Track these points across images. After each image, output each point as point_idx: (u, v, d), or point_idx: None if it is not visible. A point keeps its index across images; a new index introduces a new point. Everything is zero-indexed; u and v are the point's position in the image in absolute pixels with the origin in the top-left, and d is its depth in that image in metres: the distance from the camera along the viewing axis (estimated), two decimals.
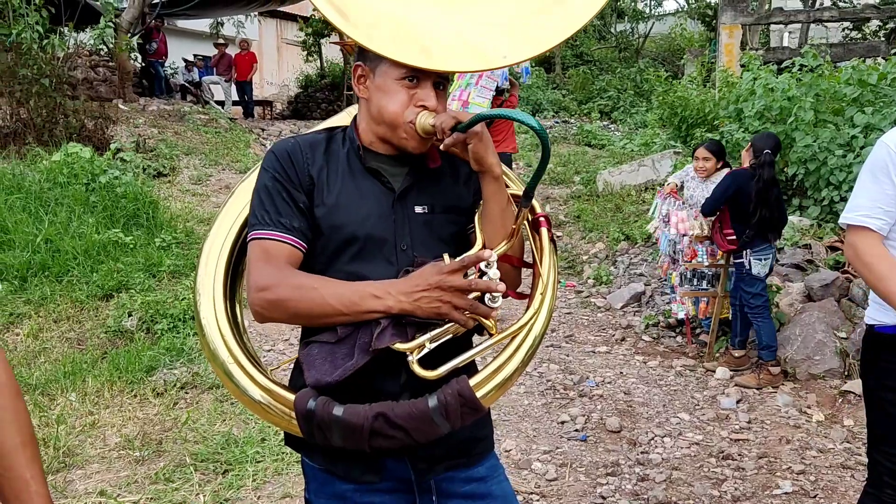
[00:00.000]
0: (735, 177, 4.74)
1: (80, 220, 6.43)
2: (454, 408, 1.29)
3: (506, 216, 1.45)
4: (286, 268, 1.38)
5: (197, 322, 1.53)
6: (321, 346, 1.35)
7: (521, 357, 1.38)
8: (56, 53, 9.33)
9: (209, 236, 1.62)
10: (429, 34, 1.41)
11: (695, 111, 9.48)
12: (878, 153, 2.05)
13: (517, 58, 1.46)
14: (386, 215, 1.45)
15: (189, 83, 16.45)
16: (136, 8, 12.11)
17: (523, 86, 17.30)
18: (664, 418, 4.26)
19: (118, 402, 4.17)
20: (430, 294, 1.29)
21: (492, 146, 1.41)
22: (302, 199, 1.43)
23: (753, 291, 4.72)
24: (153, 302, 5.32)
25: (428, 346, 1.31)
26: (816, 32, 17.42)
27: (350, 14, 1.39)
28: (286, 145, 1.48)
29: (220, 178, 9.47)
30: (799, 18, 11.88)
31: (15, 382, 1.20)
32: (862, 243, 2.04)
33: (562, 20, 1.45)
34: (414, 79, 1.41)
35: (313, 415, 1.29)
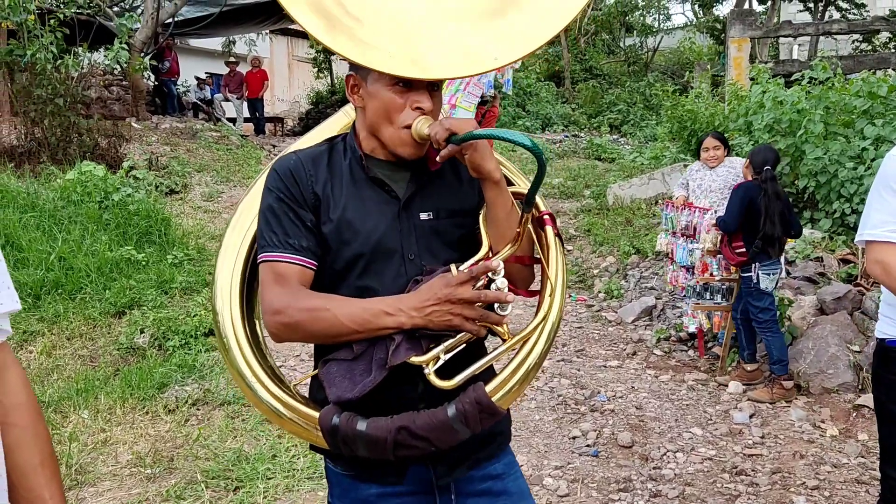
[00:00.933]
0: (746, 189, 4.72)
1: (93, 238, 6.50)
2: (473, 415, 1.33)
3: (510, 219, 1.46)
4: (298, 289, 1.39)
5: (220, 343, 1.55)
6: (339, 363, 1.37)
7: (534, 359, 1.41)
8: (70, 73, 9.46)
9: (220, 255, 1.63)
10: (418, 43, 1.41)
11: (704, 124, 9.48)
12: (888, 167, 2.05)
13: (508, 58, 1.45)
14: (392, 226, 1.46)
15: (201, 101, 16.61)
16: (150, 28, 12.26)
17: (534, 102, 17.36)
18: (676, 433, 4.23)
19: (130, 419, 4.19)
20: (440, 307, 1.31)
21: (489, 152, 1.41)
22: (309, 217, 1.44)
23: (761, 306, 4.69)
24: (165, 318, 5.35)
25: (443, 356, 1.34)
26: (826, 45, 17.40)
27: (335, 29, 1.38)
28: (288, 163, 1.48)
29: (231, 194, 9.54)
30: (808, 31, 11.87)
31: (36, 403, 1.22)
32: (891, 258, 2.00)
33: (548, 18, 1.44)
34: (406, 84, 1.42)
35: (338, 430, 1.33)
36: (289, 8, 1.39)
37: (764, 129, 7.04)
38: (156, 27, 12.49)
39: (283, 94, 25.15)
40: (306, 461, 3.67)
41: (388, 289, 1.41)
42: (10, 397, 1.17)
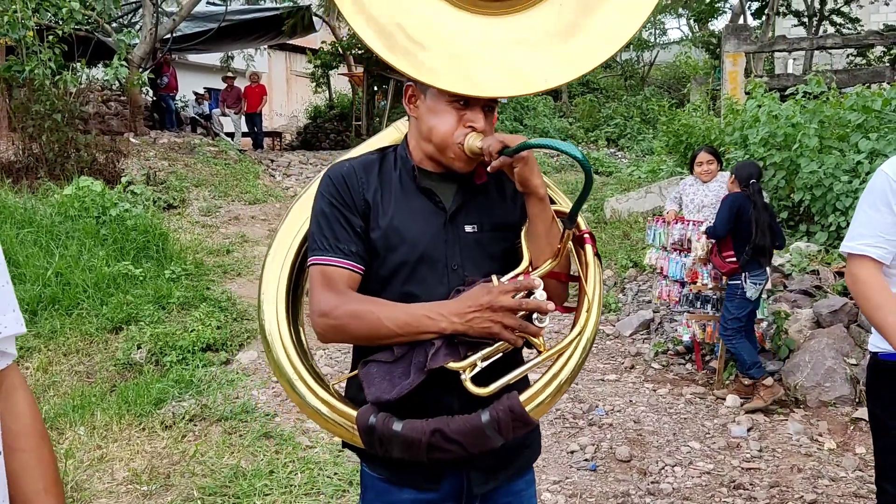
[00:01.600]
0: (734, 199, 4.79)
1: (90, 253, 6.50)
2: (506, 422, 1.36)
3: (551, 235, 1.50)
4: (345, 292, 1.45)
5: (263, 340, 1.60)
6: (379, 365, 1.41)
7: (567, 373, 1.45)
8: (69, 89, 9.49)
9: (269, 255, 1.68)
10: (472, 62, 1.47)
11: (700, 138, 9.52)
12: (876, 182, 2.06)
13: (558, 81, 1.51)
14: (438, 236, 1.50)
15: (199, 116, 16.67)
16: (148, 44, 12.32)
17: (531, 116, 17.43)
18: (674, 447, 4.23)
19: (126, 435, 4.17)
20: (481, 315, 1.35)
21: (537, 168, 1.46)
22: (358, 223, 1.49)
23: (737, 314, 4.76)
24: (162, 334, 5.35)
25: (480, 364, 1.37)
26: (821, 59, 17.51)
27: (396, 46, 1.45)
28: (342, 169, 1.53)
29: (229, 209, 9.56)
30: (802, 46, 11.95)
31: (42, 426, 1.20)
32: (861, 272, 2.05)
33: (598, 44, 1.50)
34: (464, 101, 1.47)
35: (374, 430, 1.37)
36: (355, 27, 1.45)
37: (759, 142, 7.07)
38: (154, 43, 12.55)
39: (281, 108, 25.25)
40: (304, 477, 3.66)
41: (431, 296, 1.45)
42: (17, 422, 1.17)
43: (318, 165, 13.05)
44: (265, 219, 9.45)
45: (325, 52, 18.45)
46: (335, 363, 5.54)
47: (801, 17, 17.49)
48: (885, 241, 2.02)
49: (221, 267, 7.24)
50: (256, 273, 7.22)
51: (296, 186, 11.43)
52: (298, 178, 12.01)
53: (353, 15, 1.45)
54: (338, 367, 5.45)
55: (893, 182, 2.01)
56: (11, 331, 1.13)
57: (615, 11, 1.50)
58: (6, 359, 1.15)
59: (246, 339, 5.76)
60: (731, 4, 19.38)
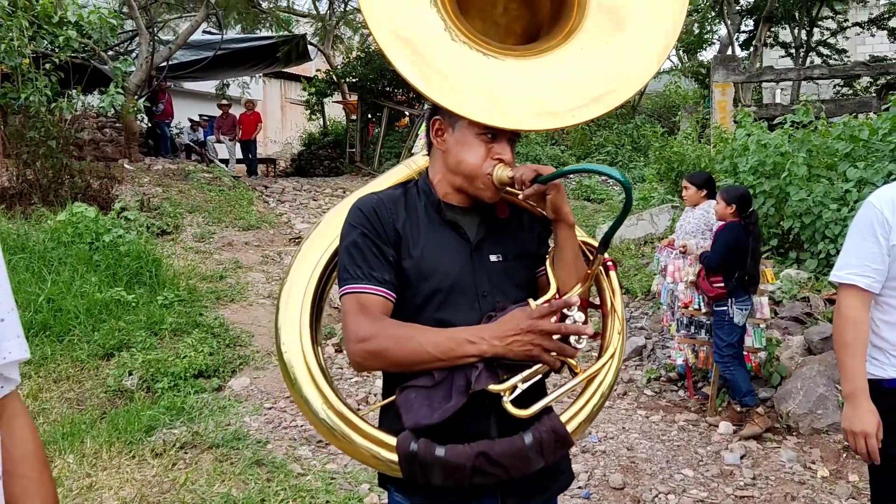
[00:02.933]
0: (731, 232, 4.81)
1: (82, 279, 6.48)
2: (549, 443, 1.40)
3: (578, 262, 1.55)
4: (382, 318, 1.46)
5: (285, 374, 1.58)
6: (418, 390, 1.42)
7: (603, 391, 1.52)
8: (64, 116, 9.54)
9: (287, 283, 1.69)
10: (504, 96, 1.52)
11: (691, 166, 9.62)
12: (864, 212, 2.12)
13: (585, 116, 1.57)
14: (466, 265, 1.54)
15: (194, 142, 16.74)
16: (144, 71, 12.40)
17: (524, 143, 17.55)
18: (668, 474, 4.22)
19: (116, 463, 4.14)
20: (522, 338, 1.38)
21: (566, 196, 1.52)
22: (390, 252, 1.52)
23: (729, 341, 4.77)
24: (154, 360, 5.32)
25: (520, 386, 1.40)
26: (808, 89, 17.76)
27: (432, 80, 1.49)
28: (371, 202, 1.56)
29: (223, 235, 9.56)
30: (790, 76, 12.14)
31: (42, 453, 1.21)
32: (844, 302, 2.11)
33: (623, 82, 1.57)
34: (491, 134, 1.52)
35: (416, 456, 1.38)
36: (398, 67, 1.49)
37: (749, 171, 7.16)
38: (150, 71, 12.64)
39: (275, 135, 25.39)
40: None
41: (464, 322, 1.47)
42: (18, 447, 1.17)
43: (312, 192, 13.08)
44: (259, 245, 9.45)
45: (320, 80, 18.61)
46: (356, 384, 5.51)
47: (788, 48, 17.78)
48: (872, 269, 2.06)
49: (214, 293, 7.23)
50: (249, 299, 7.24)
51: (289, 213, 11.45)
52: (292, 205, 12.04)
53: (399, 58, 1.49)
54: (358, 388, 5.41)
55: (879, 212, 2.06)
56: (15, 356, 1.14)
57: (634, 52, 1.58)
58: (9, 385, 1.16)
59: (238, 365, 5.74)
60: (720, 36, 19.69)
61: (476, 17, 1.68)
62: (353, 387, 5.59)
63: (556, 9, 1.69)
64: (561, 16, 1.67)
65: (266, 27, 17.80)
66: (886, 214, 2.05)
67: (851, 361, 2.08)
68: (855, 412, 2.08)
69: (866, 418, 2.05)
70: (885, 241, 2.05)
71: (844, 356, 2.09)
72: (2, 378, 1.15)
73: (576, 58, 1.58)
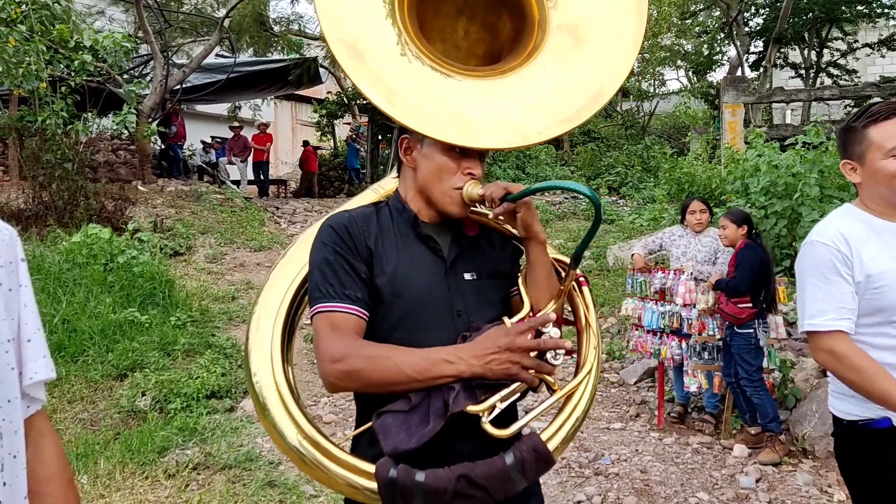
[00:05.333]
0: (754, 249, 4.78)
1: (97, 300, 6.53)
2: (530, 463, 1.36)
3: (550, 279, 1.54)
4: (355, 338, 1.42)
5: (256, 403, 1.54)
6: (394, 415, 1.38)
7: (582, 408, 1.49)
8: (79, 138, 9.66)
9: (255, 311, 1.65)
10: (469, 115, 1.52)
11: (701, 187, 9.62)
12: (816, 253, 2.01)
13: (552, 133, 1.57)
14: (441, 282, 1.52)
15: (206, 164, 16.89)
16: (158, 94, 12.57)
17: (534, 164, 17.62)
18: (682, 498, 4.18)
19: (129, 484, 4.14)
20: (500, 356, 1.35)
21: (537, 214, 1.51)
22: (363, 269, 1.49)
23: (757, 364, 4.74)
24: (167, 381, 5.34)
25: (499, 406, 1.38)
26: (818, 110, 17.77)
27: (396, 101, 1.50)
28: (342, 219, 1.55)
29: (234, 256, 9.62)
30: (800, 97, 12.15)
31: (68, 473, 1.22)
32: (837, 346, 1.95)
33: (588, 99, 1.58)
34: (459, 150, 1.52)
35: (396, 483, 1.33)
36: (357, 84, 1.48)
37: (760, 191, 7.15)
38: (164, 94, 12.80)
39: (286, 156, 25.58)
40: None
41: (438, 341, 1.44)
42: (45, 467, 1.19)
43: (323, 212, 13.12)
44: (270, 265, 9.49)
45: (331, 102, 18.80)
46: (339, 409, 5.51)
47: (797, 69, 17.82)
48: (849, 311, 1.96)
49: (227, 314, 7.26)
50: None
51: (300, 234, 11.52)
52: (304, 226, 12.11)
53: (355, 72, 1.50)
54: (342, 415, 5.42)
55: (835, 250, 1.97)
56: (41, 376, 1.16)
57: (596, 69, 1.60)
58: (35, 404, 1.18)
59: None
60: (729, 57, 19.76)
61: (437, 41, 1.69)
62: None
63: (517, 30, 1.71)
64: (521, 37, 1.68)
65: (278, 50, 18.03)
66: (844, 251, 1.96)
67: (883, 382, 1.86)
68: None
69: None
70: (851, 278, 1.96)
71: (887, 386, 1.85)
72: (28, 398, 1.17)
73: (539, 76, 1.59)
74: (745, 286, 4.74)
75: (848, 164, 2.06)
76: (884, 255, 1.96)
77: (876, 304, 1.95)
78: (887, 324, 1.95)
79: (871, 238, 1.99)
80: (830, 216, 2.12)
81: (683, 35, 20.80)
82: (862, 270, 1.96)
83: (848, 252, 1.97)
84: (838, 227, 2.01)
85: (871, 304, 1.96)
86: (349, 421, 5.29)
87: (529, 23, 1.66)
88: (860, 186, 2.06)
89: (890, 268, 1.94)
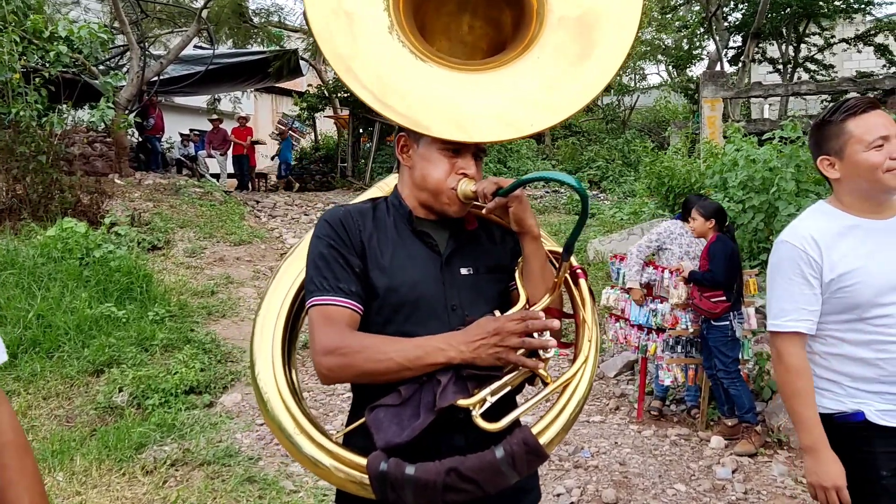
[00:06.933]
0: (725, 243, 4.83)
1: (72, 295, 6.45)
2: (521, 456, 1.35)
3: (545, 272, 1.55)
4: (348, 330, 1.44)
5: (257, 394, 1.56)
6: (386, 409, 1.40)
7: (576, 401, 1.47)
8: (54, 131, 9.51)
9: (262, 306, 1.68)
10: (461, 111, 1.54)
11: (681, 181, 9.68)
12: (785, 254, 2.05)
13: (543, 125, 1.58)
14: (436, 278, 1.53)
15: (185, 157, 16.72)
16: (135, 86, 12.40)
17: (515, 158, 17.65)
18: (660, 489, 4.22)
19: (106, 481, 4.10)
20: (489, 341, 1.36)
21: (530, 208, 1.52)
22: (357, 263, 1.51)
23: (734, 356, 4.80)
24: (144, 377, 5.29)
25: (489, 399, 1.38)
26: (796, 104, 17.96)
27: (387, 99, 1.52)
28: (338, 213, 1.56)
29: (214, 250, 9.54)
30: (777, 92, 12.28)
31: (24, 440, 1.19)
32: (786, 350, 2.03)
33: (578, 90, 1.60)
34: (455, 149, 1.53)
35: (387, 476, 1.34)
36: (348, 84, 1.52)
37: (738, 186, 7.21)
38: (141, 85, 12.63)
39: (267, 150, 25.36)
40: None
41: (432, 335, 1.44)
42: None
43: (304, 206, 13.08)
44: (250, 260, 9.43)
45: (312, 95, 18.68)
46: (320, 405, 5.50)
47: (775, 64, 17.97)
48: (809, 312, 2.00)
49: (206, 308, 7.20)
50: (241, 314, 7.21)
51: (281, 227, 11.44)
52: (283, 220, 12.04)
53: (345, 73, 1.52)
54: (322, 409, 5.41)
55: (803, 252, 2.00)
56: None
57: (588, 63, 1.61)
58: None
59: (230, 381, 5.71)
60: (709, 52, 19.89)
61: (442, 39, 1.71)
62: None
63: (516, 22, 1.72)
64: (521, 28, 1.70)
65: (257, 42, 17.86)
66: (811, 253, 1.99)
67: (805, 412, 1.99)
68: (819, 465, 1.97)
69: (833, 470, 1.96)
70: (816, 281, 2.00)
71: (797, 406, 2.01)
72: None
73: (531, 68, 1.60)
74: (721, 278, 4.78)
75: (826, 160, 2.06)
76: (857, 252, 1.98)
77: (848, 302, 1.98)
78: (859, 320, 1.98)
79: (845, 236, 2.01)
80: (803, 215, 2.14)
81: (664, 30, 20.91)
82: (833, 270, 1.98)
83: (816, 254, 1.99)
84: (809, 228, 2.04)
85: (844, 302, 1.99)
86: (330, 416, 5.28)
87: (528, 13, 1.68)
88: (837, 182, 2.07)
89: (862, 266, 1.96)
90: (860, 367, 1.99)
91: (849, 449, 2.01)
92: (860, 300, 1.96)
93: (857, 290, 1.96)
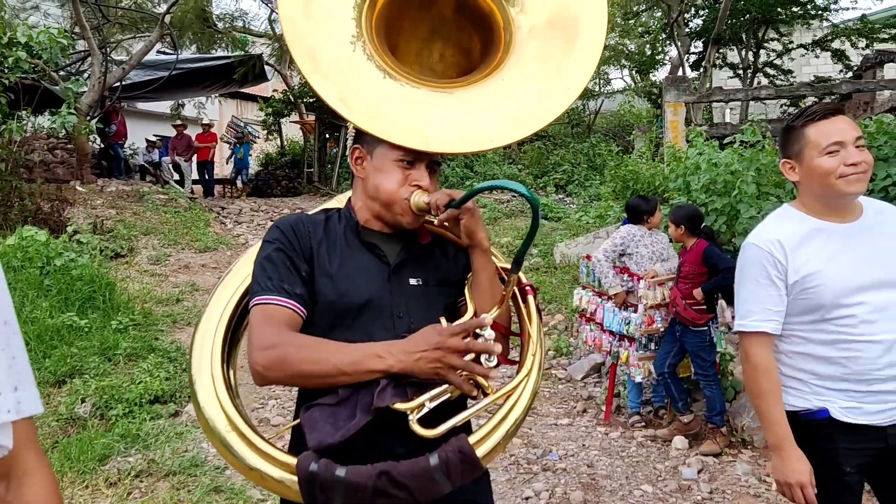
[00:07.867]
0: (715, 251, 4.82)
1: (33, 305, 6.31)
2: (455, 465, 1.32)
3: (494, 286, 1.56)
4: (288, 329, 1.42)
5: (192, 392, 1.53)
6: (322, 408, 1.37)
7: (516, 415, 1.46)
8: (13, 138, 9.32)
9: (208, 306, 1.66)
10: (424, 121, 1.55)
11: (645, 184, 9.83)
12: (752, 256, 2.10)
13: (506, 140, 1.61)
14: (383, 287, 1.53)
15: (149, 163, 16.48)
16: (96, 92, 12.21)
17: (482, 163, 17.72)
18: (627, 491, 4.27)
19: (68, 494, 4.02)
20: (429, 355, 1.34)
21: (482, 222, 1.53)
22: (304, 267, 1.51)
23: (711, 360, 4.85)
24: (108, 387, 5.20)
25: (428, 405, 1.36)
26: (756, 109, 18.31)
27: (352, 105, 1.53)
28: (289, 219, 1.57)
29: (179, 257, 9.41)
30: (738, 97, 12.52)
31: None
32: (752, 350, 2.09)
33: (543, 107, 1.62)
34: (410, 161, 1.54)
35: (315, 477, 1.30)
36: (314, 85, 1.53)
37: (701, 189, 7.33)
38: (102, 91, 12.45)
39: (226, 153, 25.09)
40: None
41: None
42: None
43: (270, 213, 12.98)
44: (216, 267, 9.33)
45: (277, 101, 18.54)
46: (287, 412, 5.46)
47: (736, 69, 18.34)
48: (774, 313, 2.06)
49: (171, 316, 7.10)
50: None
51: (247, 234, 11.34)
52: (249, 226, 11.92)
53: (312, 74, 1.53)
54: (289, 417, 5.36)
55: (769, 254, 2.05)
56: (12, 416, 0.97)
57: (553, 86, 1.63)
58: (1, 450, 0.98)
59: None
60: (671, 57, 20.22)
61: (413, 63, 1.73)
62: None
63: (484, 44, 1.75)
64: (489, 49, 1.72)
65: (222, 47, 17.70)
66: (777, 255, 2.05)
67: (772, 410, 2.04)
68: (785, 463, 2.02)
69: (798, 467, 2.00)
70: (781, 283, 2.05)
71: (763, 405, 2.07)
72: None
73: (499, 87, 1.62)
74: (717, 282, 4.73)
75: (787, 164, 2.14)
76: (819, 255, 2.04)
77: (812, 303, 2.04)
78: (823, 321, 2.04)
79: (809, 238, 2.07)
80: (769, 218, 2.21)
81: (627, 35, 21.20)
82: (797, 272, 2.04)
83: (782, 256, 2.05)
84: (775, 231, 2.10)
85: (808, 303, 2.04)
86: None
87: (496, 33, 1.70)
88: (799, 185, 2.15)
89: (825, 268, 2.02)
90: (825, 366, 2.04)
91: (813, 446, 2.06)
92: (823, 301, 2.01)
93: (820, 292, 2.01)
